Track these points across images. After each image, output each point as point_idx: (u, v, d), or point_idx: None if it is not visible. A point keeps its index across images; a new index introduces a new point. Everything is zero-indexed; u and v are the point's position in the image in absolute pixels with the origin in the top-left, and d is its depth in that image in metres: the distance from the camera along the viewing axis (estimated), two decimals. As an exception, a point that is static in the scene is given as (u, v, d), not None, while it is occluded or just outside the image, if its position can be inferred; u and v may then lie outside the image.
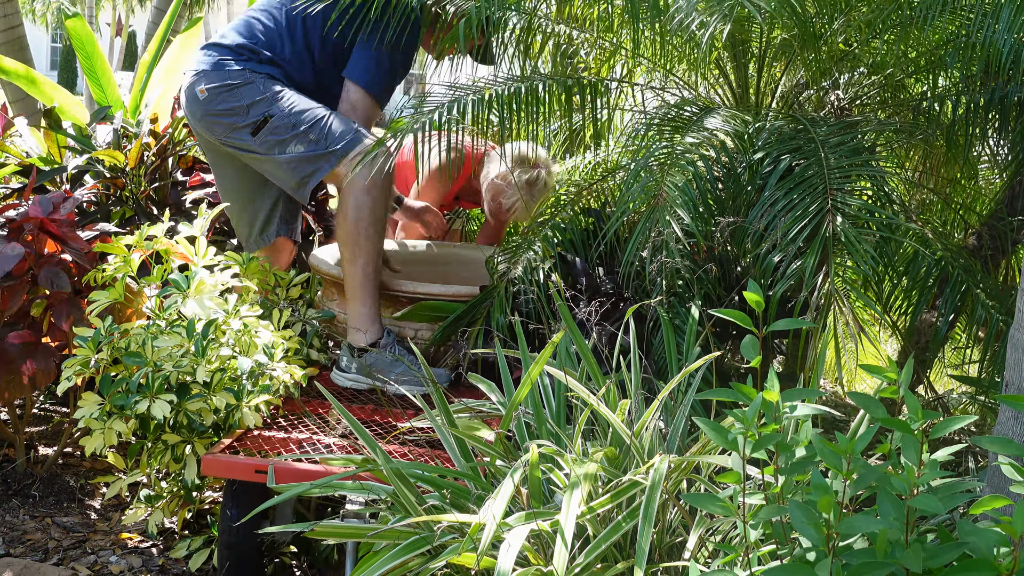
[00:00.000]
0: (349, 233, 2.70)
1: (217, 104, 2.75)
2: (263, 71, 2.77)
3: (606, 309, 2.38)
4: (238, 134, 2.76)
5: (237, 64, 2.76)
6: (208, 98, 2.76)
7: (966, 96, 2.69)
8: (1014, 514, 1.18)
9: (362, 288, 2.73)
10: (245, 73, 2.75)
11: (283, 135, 2.72)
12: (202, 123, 2.83)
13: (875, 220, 2.18)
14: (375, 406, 2.56)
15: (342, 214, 2.73)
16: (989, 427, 2.69)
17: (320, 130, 2.72)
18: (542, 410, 2.00)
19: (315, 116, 2.73)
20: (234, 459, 2.11)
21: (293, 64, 2.82)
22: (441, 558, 1.55)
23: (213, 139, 2.85)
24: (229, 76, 2.75)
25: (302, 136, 2.71)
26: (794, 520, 1.27)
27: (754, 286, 1.49)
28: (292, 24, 2.82)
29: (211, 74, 2.76)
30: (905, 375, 1.39)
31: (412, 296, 2.81)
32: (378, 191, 2.70)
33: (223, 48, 2.80)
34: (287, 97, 2.74)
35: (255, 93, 2.73)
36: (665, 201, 2.17)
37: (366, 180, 2.66)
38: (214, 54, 2.80)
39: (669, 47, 2.77)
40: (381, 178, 2.68)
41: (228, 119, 2.75)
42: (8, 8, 4.89)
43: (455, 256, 3.40)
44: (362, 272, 2.72)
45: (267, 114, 2.72)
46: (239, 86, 2.74)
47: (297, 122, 2.71)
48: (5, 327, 2.54)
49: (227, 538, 2.15)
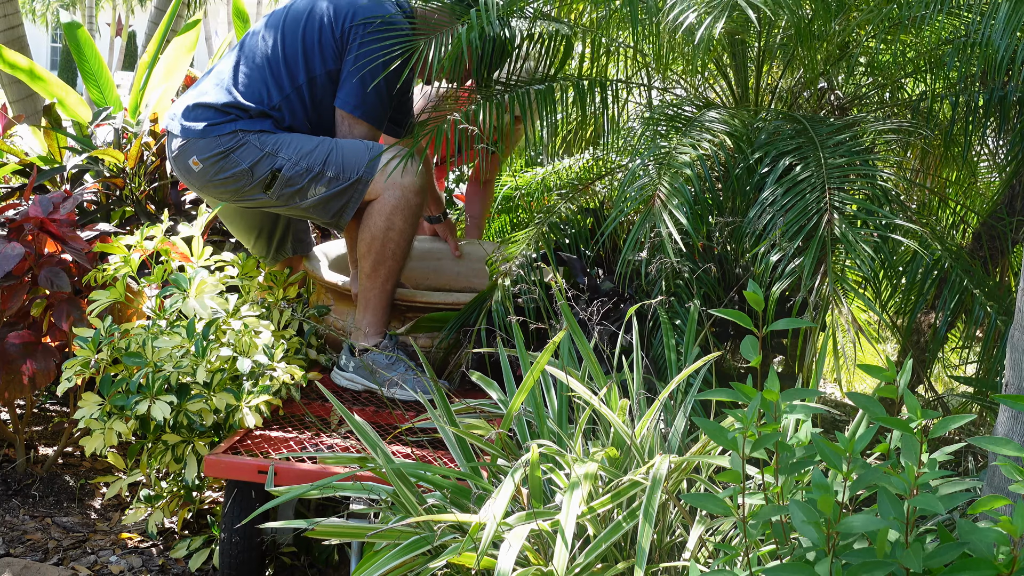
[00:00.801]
0: (375, 251, 2.63)
1: (216, 174, 2.62)
2: (255, 128, 2.62)
3: (607, 309, 2.39)
4: (250, 195, 2.66)
5: (227, 127, 2.60)
6: (204, 169, 2.62)
7: (965, 96, 2.69)
8: (1014, 514, 1.19)
9: (377, 301, 2.69)
10: (237, 135, 2.60)
11: (299, 183, 2.61)
12: (205, 191, 2.72)
13: (873, 220, 2.18)
14: (376, 407, 2.57)
15: (369, 232, 2.64)
16: (989, 427, 2.70)
17: (336, 165, 2.60)
18: (543, 410, 2.00)
19: (324, 152, 2.61)
20: (236, 460, 2.12)
21: (285, 111, 2.67)
22: (441, 558, 1.56)
23: (224, 202, 2.74)
24: (220, 143, 2.59)
25: (319, 177, 2.60)
26: (794, 520, 1.27)
27: (754, 286, 1.50)
28: (276, 68, 2.67)
29: (200, 144, 2.61)
30: (904, 375, 1.39)
31: (411, 304, 2.80)
32: (411, 211, 2.63)
33: (207, 109, 2.63)
34: (287, 144, 2.61)
35: (253, 153, 2.60)
36: (662, 202, 2.17)
37: (398, 200, 2.60)
38: (199, 119, 2.62)
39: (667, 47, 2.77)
40: (415, 196, 2.62)
41: (233, 185, 2.63)
42: (8, 8, 4.89)
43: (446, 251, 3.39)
44: (381, 288, 2.68)
45: (274, 169, 2.60)
46: (233, 150, 2.60)
47: (310, 165, 2.59)
48: (5, 327, 2.54)
49: (228, 538, 2.15)
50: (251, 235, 3.02)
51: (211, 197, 2.77)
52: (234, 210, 2.91)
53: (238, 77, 2.67)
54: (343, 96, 2.68)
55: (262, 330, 2.44)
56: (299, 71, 2.66)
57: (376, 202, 2.62)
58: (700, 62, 2.64)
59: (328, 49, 2.66)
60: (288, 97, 2.66)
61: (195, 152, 2.62)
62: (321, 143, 2.63)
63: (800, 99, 2.87)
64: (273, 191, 2.63)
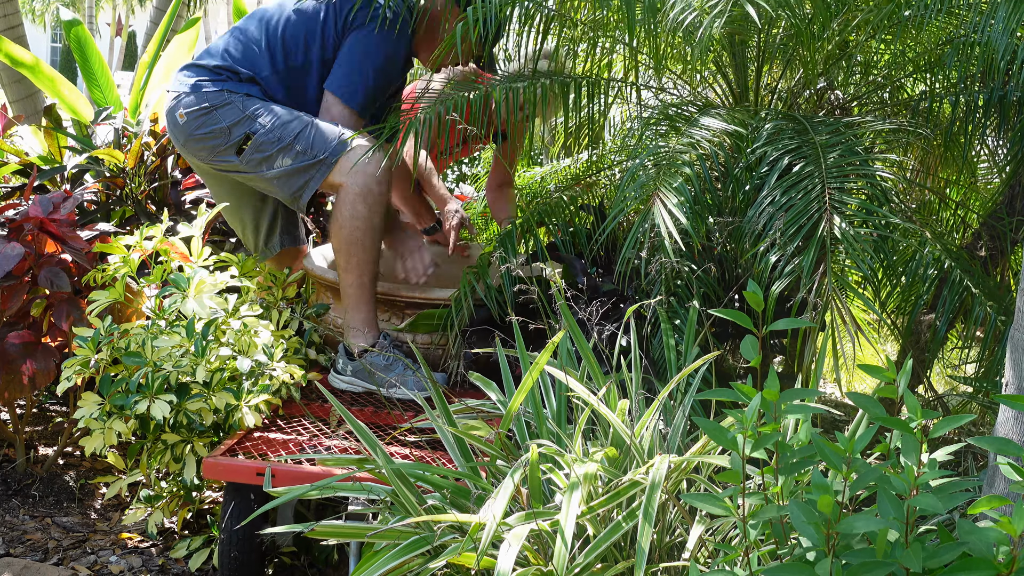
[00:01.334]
0: (344, 241, 2.65)
1: (196, 128, 2.69)
2: (242, 90, 2.70)
3: (607, 309, 2.38)
4: (223, 156, 2.71)
5: (215, 85, 2.69)
6: (187, 122, 2.69)
7: (964, 96, 2.69)
8: (1014, 514, 1.18)
9: (358, 296, 2.69)
10: (223, 94, 2.68)
11: (268, 151, 2.66)
12: (186, 147, 2.77)
13: (873, 220, 2.18)
14: (375, 408, 2.56)
15: (336, 222, 2.66)
16: (989, 427, 2.70)
17: (306, 140, 2.64)
18: (542, 410, 2.00)
19: (299, 126, 2.66)
20: (235, 462, 2.11)
21: (273, 83, 2.75)
22: (441, 558, 1.55)
23: (198, 161, 2.81)
24: (207, 98, 2.67)
25: (287, 149, 2.64)
26: (794, 520, 1.27)
27: (753, 286, 1.50)
28: (273, 42, 2.75)
29: (189, 97, 2.69)
30: (904, 375, 1.39)
31: (410, 301, 2.80)
32: (374, 198, 2.64)
33: (200, 69, 2.74)
34: (267, 112, 2.67)
35: (235, 113, 2.66)
36: (661, 202, 2.17)
37: (361, 187, 2.61)
38: (191, 76, 2.73)
39: (667, 47, 2.77)
40: (376, 184, 2.63)
41: (211, 142, 2.69)
42: (8, 8, 4.88)
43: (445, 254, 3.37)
44: (357, 281, 2.68)
45: (248, 132, 2.65)
46: (217, 107, 2.67)
47: (281, 135, 2.64)
48: (5, 327, 2.54)
49: (227, 539, 2.15)
50: (240, 224, 3.05)
51: (190, 155, 2.82)
52: (227, 193, 2.95)
53: (235, 46, 2.77)
54: (332, 79, 2.74)
55: (261, 330, 2.44)
56: (297, 53, 2.75)
57: (340, 191, 2.66)
58: (700, 62, 2.64)
59: (329, 39, 2.74)
60: (280, 74, 2.75)
61: (183, 106, 2.70)
62: (299, 118, 2.68)
63: (800, 99, 2.87)
64: (244, 155, 2.68)
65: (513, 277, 2.53)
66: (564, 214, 2.88)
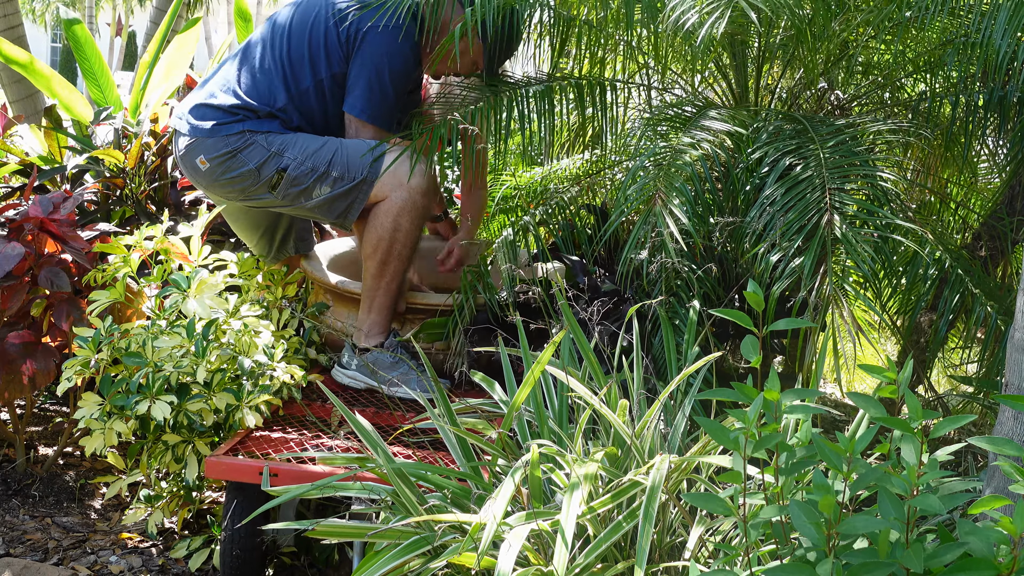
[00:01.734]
0: (382, 251, 2.63)
1: (223, 174, 2.63)
2: (263, 128, 2.63)
3: (607, 309, 2.39)
4: (257, 195, 2.67)
5: (236, 127, 2.62)
6: (211, 168, 2.64)
7: (965, 96, 2.69)
8: (1014, 514, 1.19)
9: (382, 302, 2.68)
10: (244, 135, 2.61)
11: (304, 183, 2.62)
12: (212, 190, 2.73)
13: (873, 220, 2.18)
14: (376, 408, 2.56)
15: (375, 232, 2.64)
16: (989, 427, 2.70)
17: (341, 164, 2.61)
18: (544, 410, 2.00)
19: (329, 152, 2.62)
20: (238, 461, 2.12)
21: (291, 112, 2.67)
22: (442, 558, 1.56)
23: (228, 200, 2.75)
24: (228, 143, 2.61)
25: (324, 177, 2.61)
26: (794, 520, 1.27)
27: (754, 286, 1.50)
28: (281, 71, 2.67)
29: (208, 143, 2.62)
30: (904, 375, 1.39)
31: (411, 305, 2.79)
32: (418, 212, 2.63)
33: (215, 110, 2.64)
34: (293, 144, 2.62)
35: (260, 153, 2.61)
36: (662, 202, 2.17)
37: (404, 201, 2.60)
38: (207, 119, 2.63)
39: (667, 47, 2.77)
40: (421, 197, 2.61)
41: (240, 185, 2.65)
42: (8, 8, 4.88)
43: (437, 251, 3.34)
44: (386, 289, 2.67)
45: (280, 168, 2.61)
46: (240, 150, 2.61)
47: (315, 165, 2.60)
48: (5, 327, 2.54)
49: (229, 537, 2.15)
50: (254, 234, 3.01)
51: (217, 196, 2.77)
52: (238, 208, 2.90)
53: (245, 79, 2.67)
54: (351, 100, 2.67)
55: (262, 330, 2.44)
56: (305, 75, 2.66)
57: (383, 203, 2.62)
58: (700, 63, 2.64)
59: (334, 53, 2.65)
60: (294, 100, 2.67)
61: (202, 151, 2.63)
62: (327, 143, 2.63)
63: (800, 99, 2.88)
64: (279, 191, 2.63)
65: (514, 277, 2.53)
66: (564, 215, 2.88)
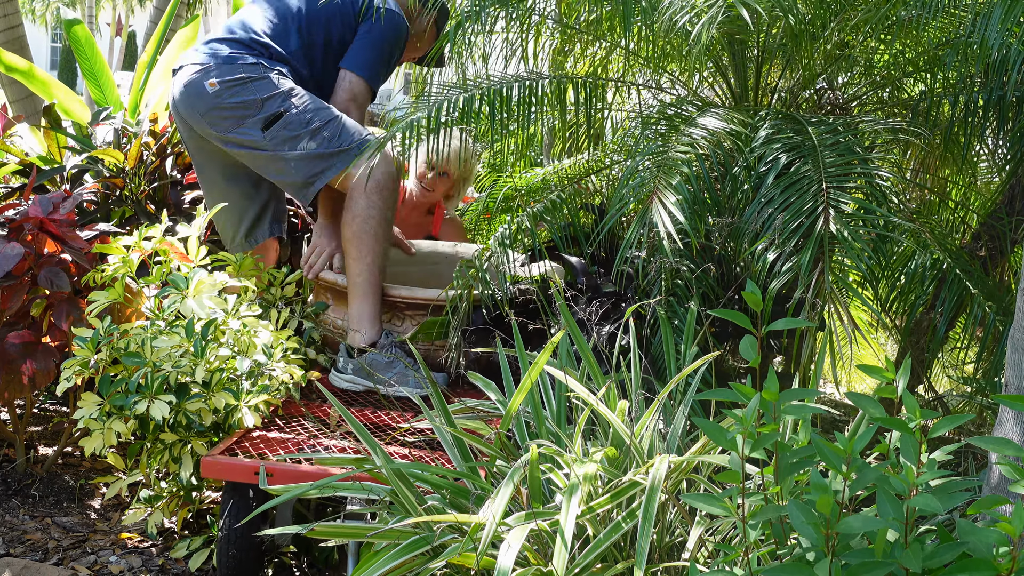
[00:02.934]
0: (358, 232, 2.73)
1: (229, 98, 2.73)
2: (275, 67, 2.79)
3: (606, 309, 2.38)
4: (247, 129, 2.75)
5: (251, 57, 2.77)
6: (219, 91, 2.73)
7: (964, 96, 2.69)
8: (1013, 514, 1.18)
9: (368, 285, 2.74)
10: (259, 67, 2.75)
11: (296, 131, 2.73)
12: (206, 117, 2.78)
13: (871, 219, 2.18)
14: (374, 408, 2.56)
15: (351, 213, 2.74)
16: (988, 427, 2.70)
17: (334, 128, 2.75)
18: (541, 410, 2.00)
19: (329, 115, 2.77)
20: (233, 461, 2.12)
21: (299, 57, 2.86)
22: (441, 558, 1.55)
23: (214, 133, 2.80)
24: (243, 69, 2.74)
25: (315, 133, 2.73)
26: (793, 520, 1.27)
27: (752, 286, 1.50)
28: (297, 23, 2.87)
29: (223, 67, 2.74)
30: (903, 375, 1.39)
31: (410, 302, 2.79)
32: (389, 192, 2.76)
33: (233, 42, 2.81)
34: (300, 95, 2.77)
35: (270, 88, 2.73)
36: (660, 201, 2.17)
37: (378, 180, 2.71)
38: (224, 48, 2.79)
39: (665, 46, 2.77)
40: (391, 181, 2.75)
41: (239, 112, 2.74)
42: (8, 8, 4.88)
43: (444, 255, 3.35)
44: (368, 270, 2.73)
45: (282, 109, 2.73)
46: (253, 80, 2.73)
47: (311, 119, 2.73)
48: (5, 327, 2.54)
49: (226, 538, 2.15)
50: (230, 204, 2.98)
51: (205, 125, 2.81)
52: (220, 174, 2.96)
53: (262, 22, 2.87)
54: (353, 59, 2.89)
55: (261, 330, 2.43)
56: (318, 31, 2.89)
57: (356, 183, 2.73)
58: (699, 63, 2.64)
59: (348, 19, 2.90)
60: (304, 48, 2.87)
61: (217, 74, 2.74)
62: (328, 108, 2.80)
63: (799, 99, 2.87)
64: (270, 131, 2.76)
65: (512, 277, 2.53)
66: (562, 215, 2.88)
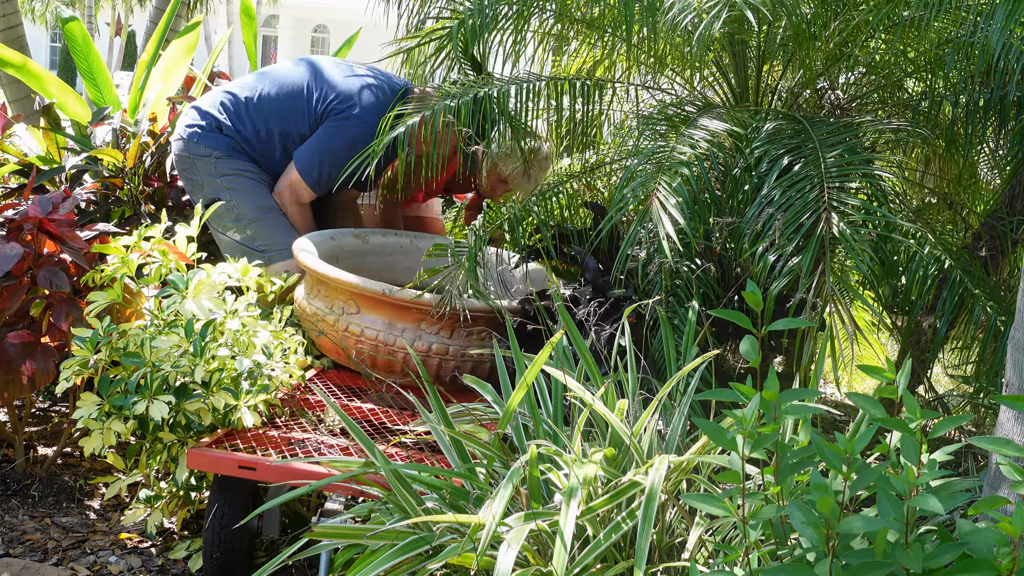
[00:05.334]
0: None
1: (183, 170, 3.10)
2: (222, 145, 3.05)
3: (605, 309, 2.38)
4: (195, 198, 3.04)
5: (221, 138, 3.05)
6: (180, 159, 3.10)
7: (965, 96, 2.69)
8: (1014, 514, 1.18)
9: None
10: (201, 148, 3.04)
11: (225, 221, 3.02)
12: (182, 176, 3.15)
13: (872, 219, 2.18)
14: (373, 407, 2.56)
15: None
16: (988, 427, 2.69)
17: (259, 229, 3.02)
18: (537, 411, 1.99)
19: (260, 214, 3.03)
20: (218, 453, 2.11)
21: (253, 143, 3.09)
22: (441, 558, 1.55)
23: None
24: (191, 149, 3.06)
25: (239, 229, 3.02)
26: (794, 520, 1.27)
27: (752, 286, 1.49)
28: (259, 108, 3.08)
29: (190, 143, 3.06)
30: (903, 375, 1.39)
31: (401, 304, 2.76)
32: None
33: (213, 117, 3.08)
34: (239, 188, 3.03)
35: (207, 172, 3.04)
36: (660, 202, 2.17)
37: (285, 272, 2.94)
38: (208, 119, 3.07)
39: (666, 46, 2.76)
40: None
41: (189, 184, 3.10)
42: (8, 8, 4.88)
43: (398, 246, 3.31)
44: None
45: (218, 197, 2.98)
46: (197, 159, 3.05)
47: (239, 215, 3.02)
48: (5, 327, 2.54)
49: (208, 539, 2.14)
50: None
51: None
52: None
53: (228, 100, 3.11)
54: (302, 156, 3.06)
55: (260, 330, 2.43)
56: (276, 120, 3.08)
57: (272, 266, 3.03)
58: (700, 62, 2.64)
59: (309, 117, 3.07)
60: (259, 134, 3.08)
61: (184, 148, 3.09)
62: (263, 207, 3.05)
63: (800, 99, 2.87)
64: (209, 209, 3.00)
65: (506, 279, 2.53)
66: (562, 215, 2.87)
